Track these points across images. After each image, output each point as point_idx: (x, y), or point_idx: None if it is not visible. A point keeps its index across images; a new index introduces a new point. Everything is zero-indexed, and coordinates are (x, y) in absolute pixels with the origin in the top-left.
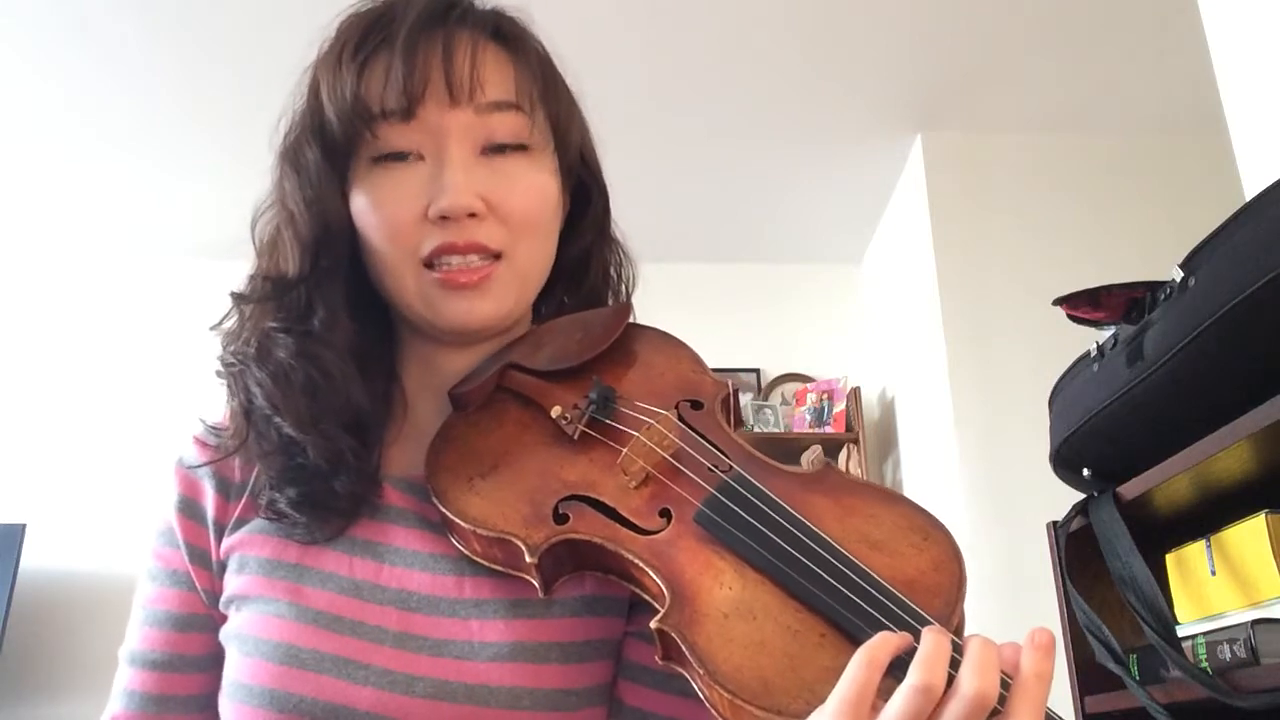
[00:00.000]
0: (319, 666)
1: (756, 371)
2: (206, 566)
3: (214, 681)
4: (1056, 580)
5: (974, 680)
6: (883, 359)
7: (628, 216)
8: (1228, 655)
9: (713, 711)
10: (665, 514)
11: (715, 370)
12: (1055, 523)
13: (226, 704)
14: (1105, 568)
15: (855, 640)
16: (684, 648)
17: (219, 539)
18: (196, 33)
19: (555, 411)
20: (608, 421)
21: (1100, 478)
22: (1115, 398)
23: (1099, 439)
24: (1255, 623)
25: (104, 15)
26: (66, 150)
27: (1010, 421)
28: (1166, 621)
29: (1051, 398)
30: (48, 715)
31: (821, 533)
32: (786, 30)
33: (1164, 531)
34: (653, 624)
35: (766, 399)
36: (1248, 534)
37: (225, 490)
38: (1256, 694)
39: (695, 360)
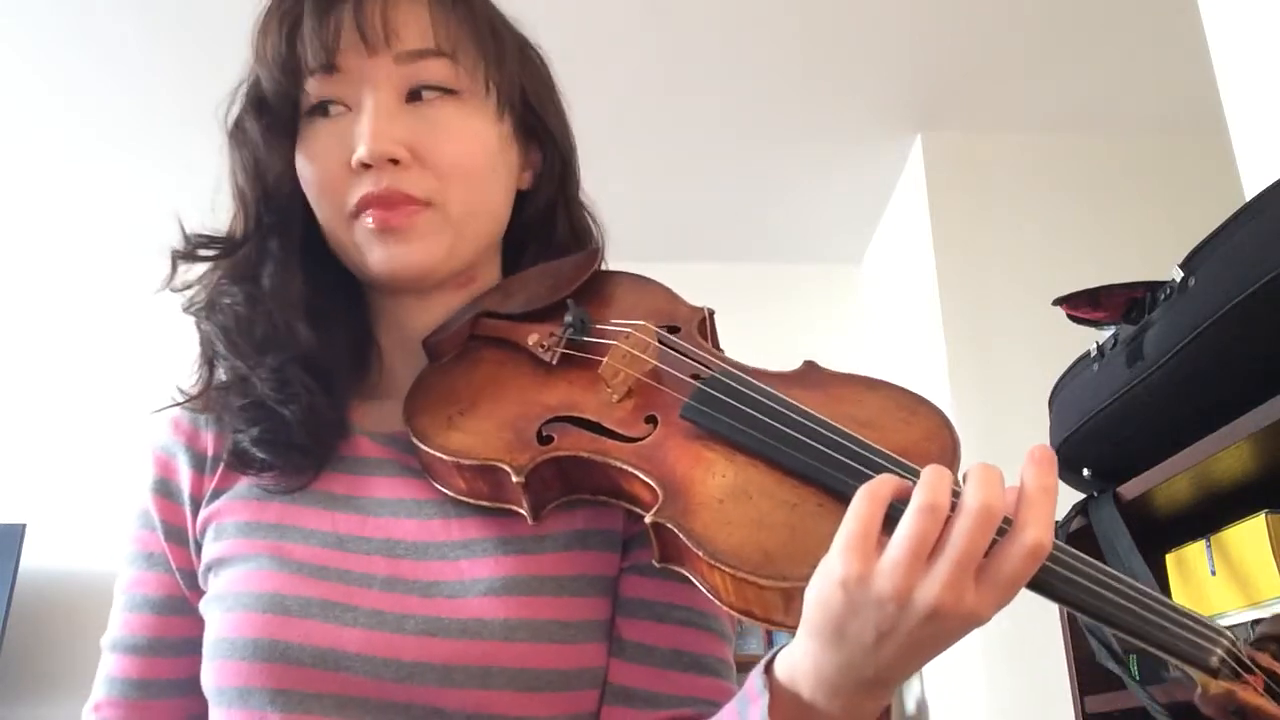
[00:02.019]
0: (305, 612)
1: None
2: (183, 544)
3: (196, 665)
4: None
5: (978, 493)
6: (883, 359)
7: (628, 216)
8: None
9: (716, 601)
10: (651, 419)
11: None
12: (1055, 523)
13: (209, 667)
14: None
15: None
16: (681, 536)
17: (195, 514)
18: (196, 33)
19: (531, 340)
20: (586, 339)
21: (1100, 478)
22: (1115, 398)
23: (1099, 439)
24: (1255, 623)
25: (104, 15)
26: (66, 150)
27: (1010, 421)
28: None
29: (1051, 398)
30: (48, 715)
31: (809, 409)
32: (786, 30)
33: (1164, 531)
34: (647, 518)
35: None
36: (1248, 534)
37: (200, 464)
38: None
39: (668, 292)
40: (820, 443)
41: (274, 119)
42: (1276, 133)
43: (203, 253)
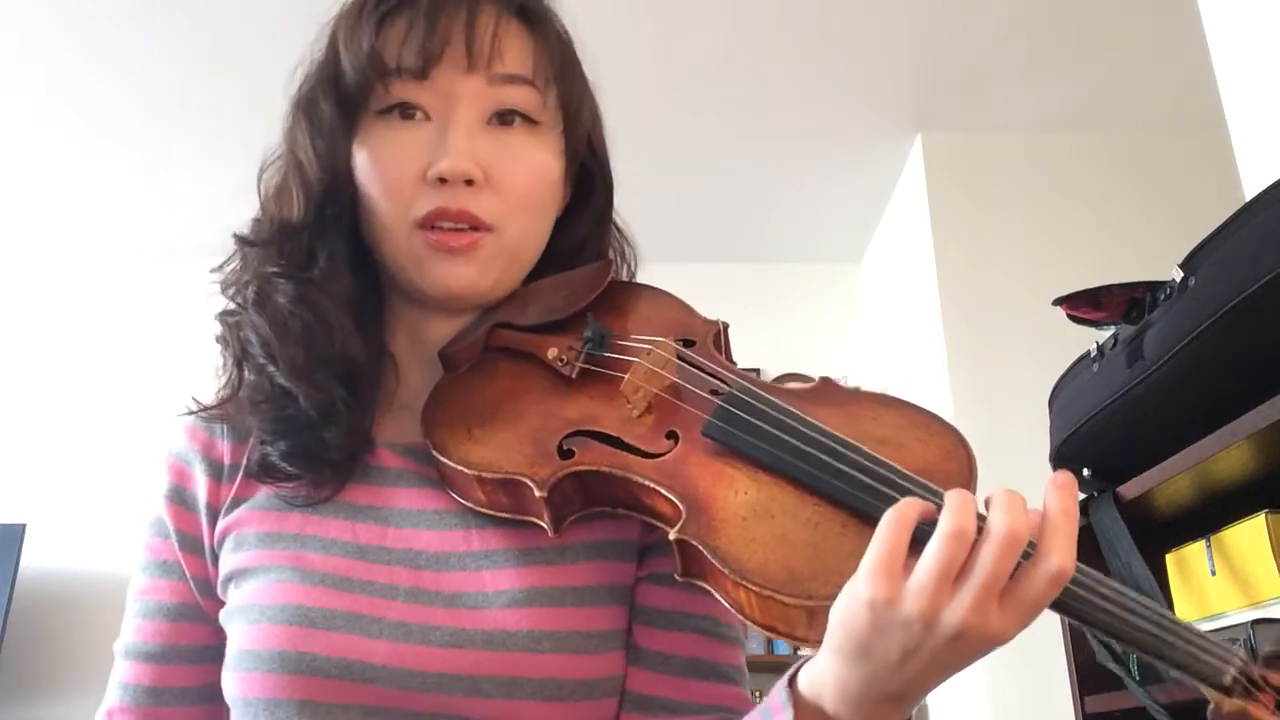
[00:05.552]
0: (330, 624)
1: (756, 371)
2: (198, 553)
3: (209, 673)
4: None
5: (1004, 519)
6: (883, 359)
7: (628, 216)
8: None
9: (740, 617)
10: (672, 435)
11: None
12: None
13: (231, 679)
14: (1105, 568)
15: (876, 522)
16: (706, 553)
17: (212, 523)
18: (197, 32)
19: (551, 354)
20: (606, 355)
21: (1100, 478)
22: (1115, 398)
23: (1099, 439)
24: (1255, 623)
25: (104, 15)
26: (66, 150)
27: (1010, 421)
28: None
29: (1051, 398)
30: (48, 715)
31: (830, 429)
32: (787, 30)
33: (1164, 531)
34: (671, 534)
35: None
36: (1248, 534)
37: (217, 473)
38: None
39: (683, 305)
40: (843, 462)
41: (345, 107)
42: (1276, 133)
43: (257, 237)
